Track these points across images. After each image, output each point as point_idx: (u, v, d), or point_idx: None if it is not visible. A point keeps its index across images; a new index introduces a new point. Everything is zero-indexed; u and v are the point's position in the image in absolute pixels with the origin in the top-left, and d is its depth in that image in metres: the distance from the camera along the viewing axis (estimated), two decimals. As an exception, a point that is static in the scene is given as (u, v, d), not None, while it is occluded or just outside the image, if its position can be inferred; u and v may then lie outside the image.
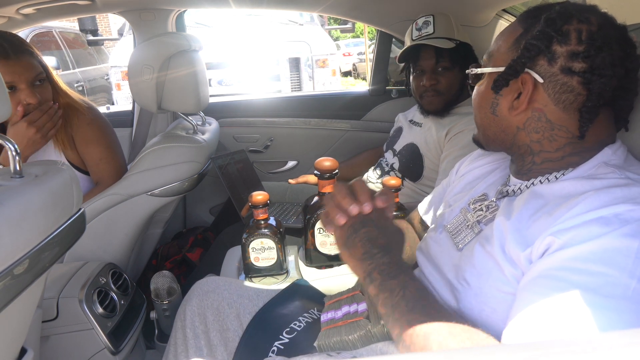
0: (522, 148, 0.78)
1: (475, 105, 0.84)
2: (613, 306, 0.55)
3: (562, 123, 0.73)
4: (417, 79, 1.60)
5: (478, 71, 0.82)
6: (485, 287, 0.71)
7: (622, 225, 0.59)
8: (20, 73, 1.39)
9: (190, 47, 1.56)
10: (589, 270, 0.57)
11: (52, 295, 1.22)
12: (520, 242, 0.68)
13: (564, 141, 0.73)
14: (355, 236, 0.74)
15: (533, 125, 0.75)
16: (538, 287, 0.60)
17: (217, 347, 1.01)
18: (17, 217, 0.69)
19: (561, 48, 0.70)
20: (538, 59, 0.71)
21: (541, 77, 0.71)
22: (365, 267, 0.71)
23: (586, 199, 0.63)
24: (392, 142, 1.76)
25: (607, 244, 0.58)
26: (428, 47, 1.54)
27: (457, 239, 0.83)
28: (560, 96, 0.71)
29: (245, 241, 1.21)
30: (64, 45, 5.90)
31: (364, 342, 0.82)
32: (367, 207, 0.74)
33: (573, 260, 0.59)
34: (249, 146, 2.33)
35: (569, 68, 0.69)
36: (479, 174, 0.94)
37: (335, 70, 5.15)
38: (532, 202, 0.71)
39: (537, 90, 0.73)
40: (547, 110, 0.73)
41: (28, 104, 1.41)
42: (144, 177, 1.49)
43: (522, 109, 0.74)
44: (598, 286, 0.56)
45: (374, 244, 0.72)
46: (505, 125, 0.78)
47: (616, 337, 0.34)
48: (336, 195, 0.77)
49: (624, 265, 0.56)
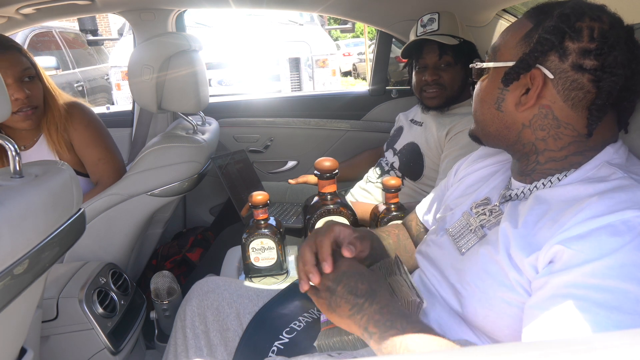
0: (527, 146, 0.76)
1: (477, 100, 0.82)
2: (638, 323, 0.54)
3: (568, 121, 0.72)
4: (419, 74, 1.60)
5: (483, 65, 0.80)
6: (490, 292, 0.70)
7: (635, 236, 0.58)
8: (7, 67, 1.38)
9: (190, 47, 1.56)
10: (609, 288, 0.56)
11: (52, 295, 1.22)
12: (525, 249, 0.67)
13: (569, 140, 0.73)
14: (335, 297, 0.72)
15: (539, 123, 0.74)
16: (558, 306, 0.58)
17: (217, 347, 1.01)
18: (17, 217, 0.69)
19: (573, 44, 0.69)
20: (549, 55, 0.70)
21: (551, 72, 0.70)
22: (358, 322, 0.69)
23: (590, 205, 0.62)
24: (392, 142, 1.76)
25: (624, 259, 0.57)
26: (431, 43, 1.54)
27: (460, 243, 0.82)
28: (569, 93, 0.70)
29: (245, 241, 1.21)
30: (64, 45, 5.90)
31: (363, 342, 0.82)
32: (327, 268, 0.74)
33: (590, 277, 0.58)
34: (249, 146, 2.33)
35: (580, 65, 0.69)
36: (479, 177, 0.93)
37: (335, 70, 5.15)
38: (536, 208, 0.71)
39: (547, 86, 0.72)
40: (555, 107, 0.72)
41: (16, 99, 1.41)
42: (144, 177, 1.49)
43: (530, 104, 0.73)
44: (620, 303, 0.55)
45: (357, 294, 0.71)
46: (510, 122, 0.76)
47: (616, 337, 0.34)
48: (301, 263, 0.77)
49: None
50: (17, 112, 1.44)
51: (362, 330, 0.69)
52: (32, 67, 1.46)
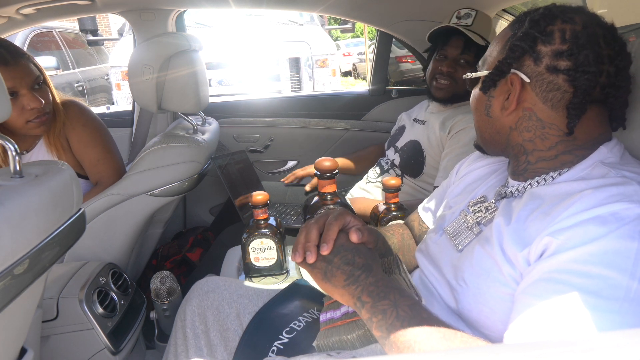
0: (516, 148, 0.79)
1: (472, 108, 0.87)
2: (615, 308, 0.55)
3: (552, 121, 0.74)
4: (437, 62, 1.60)
5: (473, 75, 0.84)
6: (484, 287, 0.71)
7: (620, 226, 0.59)
8: (21, 78, 1.37)
9: (190, 47, 1.56)
10: (589, 273, 0.57)
11: (52, 295, 1.22)
12: (518, 243, 0.68)
13: (555, 139, 0.74)
14: (331, 266, 0.73)
15: (525, 125, 0.76)
16: (539, 290, 0.60)
17: (217, 347, 1.01)
18: (17, 217, 0.69)
19: (545, 48, 0.72)
20: (524, 60, 0.74)
21: (528, 76, 0.74)
22: (351, 292, 0.70)
23: (582, 198, 0.63)
24: (394, 140, 1.76)
25: (606, 246, 0.58)
26: (459, 36, 1.54)
27: (457, 240, 0.83)
28: (547, 94, 0.73)
29: (245, 241, 1.21)
30: (64, 45, 5.90)
31: (362, 342, 0.82)
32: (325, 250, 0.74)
33: (573, 263, 0.59)
34: (249, 146, 2.33)
35: (555, 67, 0.71)
36: (479, 176, 0.94)
37: (335, 70, 5.15)
38: (530, 203, 0.72)
39: (525, 89, 0.75)
40: (537, 109, 0.74)
41: (32, 108, 1.40)
42: (143, 177, 1.49)
43: (512, 108, 0.76)
44: (599, 289, 0.56)
45: (354, 266, 0.72)
46: (499, 126, 0.80)
47: (616, 337, 0.34)
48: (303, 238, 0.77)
49: (625, 267, 0.56)
50: (33, 120, 1.43)
51: (355, 300, 0.69)
52: (41, 74, 1.45)
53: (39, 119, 1.44)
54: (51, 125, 1.51)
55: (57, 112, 1.52)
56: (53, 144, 1.53)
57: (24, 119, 1.41)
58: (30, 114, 1.41)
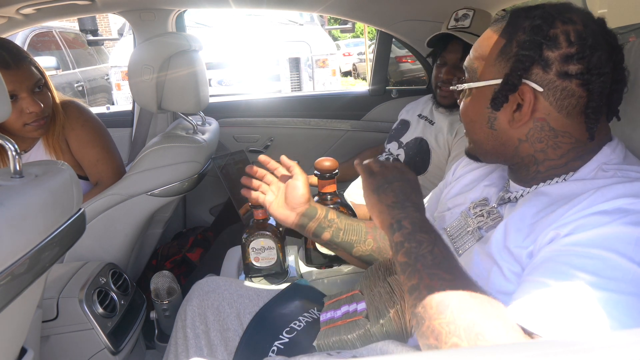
0: (526, 159, 0.76)
1: (467, 120, 0.80)
2: (614, 287, 0.56)
3: (565, 129, 0.72)
4: (438, 69, 1.59)
5: (465, 87, 0.79)
6: (486, 288, 0.71)
7: (623, 216, 0.60)
8: (22, 81, 1.37)
9: (190, 47, 1.56)
10: (589, 254, 0.58)
11: (52, 295, 1.22)
12: (522, 239, 0.68)
13: (568, 147, 0.73)
14: (389, 186, 0.76)
15: (537, 136, 0.73)
16: (541, 270, 0.61)
17: (218, 347, 1.01)
18: (17, 217, 0.69)
19: (553, 53, 0.69)
20: (533, 69, 0.70)
21: (539, 85, 0.70)
22: (394, 214, 0.72)
23: (589, 197, 0.64)
24: (397, 135, 1.75)
25: (607, 232, 0.59)
26: (456, 40, 1.51)
27: (457, 244, 0.83)
28: (562, 102, 0.70)
29: (245, 241, 1.21)
30: (64, 45, 5.89)
31: (362, 342, 0.82)
32: None
33: (574, 245, 0.60)
34: (249, 146, 2.33)
35: (565, 72, 0.68)
36: (476, 176, 0.93)
37: (335, 70, 5.15)
38: (536, 201, 0.71)
39: (538, 100, 0.71)
40: (550, 118, 0.71)
41: (31, 112, 1.39)
42: (143, 177, 1.49)
43: (524, 120, 0.72)
44: (599, 269, 0.57)
45: (408, 198, 0.74)
46: (506, 139, 0.76)
47: (616, 337, 0.34)
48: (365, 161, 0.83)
49: (624, 251, 0.57)
50: (31, 123, 1.42)
51: (394, 222, 0.71)
52: (42, 77, 1.45)
53: (37, 123, 1.43)
54: (50, 127, 1.51)
55: (56, 114, 1.52)
56: (52, 146, 1.53)
57: (22, 121, 1.41)
58: (29, 118, 1.41)
